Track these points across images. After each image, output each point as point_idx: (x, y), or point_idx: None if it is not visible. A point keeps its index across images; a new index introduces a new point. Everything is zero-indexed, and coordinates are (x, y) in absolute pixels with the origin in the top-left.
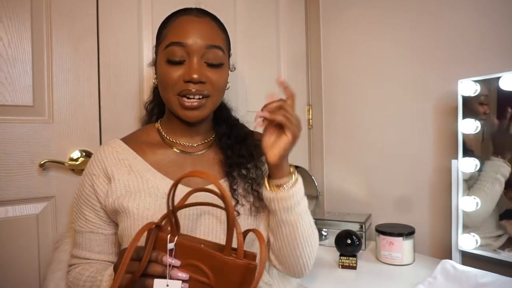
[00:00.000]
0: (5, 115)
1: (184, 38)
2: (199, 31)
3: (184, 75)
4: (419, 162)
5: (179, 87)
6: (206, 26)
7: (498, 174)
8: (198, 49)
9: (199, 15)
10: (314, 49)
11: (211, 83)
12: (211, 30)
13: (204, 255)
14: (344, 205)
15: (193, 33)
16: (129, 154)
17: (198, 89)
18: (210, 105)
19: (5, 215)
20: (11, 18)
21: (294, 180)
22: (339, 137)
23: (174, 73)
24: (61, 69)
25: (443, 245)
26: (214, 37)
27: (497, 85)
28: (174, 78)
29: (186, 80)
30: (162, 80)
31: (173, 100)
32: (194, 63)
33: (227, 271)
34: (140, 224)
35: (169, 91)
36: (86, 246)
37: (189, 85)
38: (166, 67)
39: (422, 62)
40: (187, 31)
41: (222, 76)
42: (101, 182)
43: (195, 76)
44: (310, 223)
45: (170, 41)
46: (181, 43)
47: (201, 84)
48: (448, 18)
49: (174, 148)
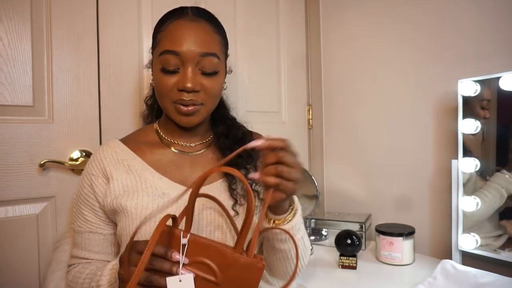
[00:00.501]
0: (5, 115)
1: (178, 46)
2: (193, 38)
3: (178, 84)
4: (419, 162)
5: (173, 95)
6: (201, 32)
7: (504, 189)
8: (192, 57)
9: (195, 19)
10: (314, 49)
11: (205, 91)
12: (206, 36)
13: (215, 252)
14: (344, 205)
15: (187, 41)
16: (127, 154)
17: (192, 99)
18: (205, 111)
19: (5, 215)
20: (11, 18)
21: (292, 214)
22: (339, 137)
23: (168, 82)
24: (61, 69)
25: (443, 245)
26: (209, 43)
27: (497, 85)
28: (168, 87)
29: (180, 89)
30: (157, 87)
31: (169, 107)
32: (188, 71)
33: (235, 269)
34: (138, 223)
35: (164, 98)
36: (85, 246)
37: (183, 94)
38: (161, 76)
39: (422, 62)
40: (180, 39)
41: (217, 84)
42: (100, 182)
43: (189, 85)
44: (304, 245)
45: (164, 49)
46: (174, 52)
47: (195, 93)
48: (448, 18)
49: (172, 148)
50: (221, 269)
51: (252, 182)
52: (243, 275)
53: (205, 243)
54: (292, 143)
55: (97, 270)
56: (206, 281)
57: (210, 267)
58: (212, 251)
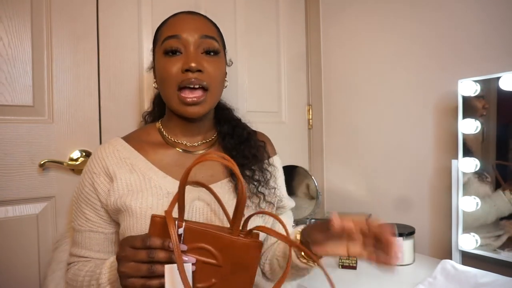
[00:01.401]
0: (5, 115)
1: (179, 31)
2: (193, 24)
3: (182, 65)
4: (419, 162)
5: (178, 78)
6: (199, 21)
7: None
8: (193, 40)
9: (193, 13)
10: (314, 49)
11: (208, 73)
12: (204, 24)
13: (212, 237)
14: (344, 205)
15: (187, 26)
16: (130, 152)
17: (197, 77)
18: (210, 100)
19: (5, 215)
20: (11, 18)
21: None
22: (339, 137)
23: (172, 66)
24: (61, 69)
25: (443, 245)
26: (208, 29)
27: (497, 85)
28: (173, 71)
29: (185, 69)
30: (162, 75)
31: (173, 97)
32: (191, 51)
33: (234, 250)
34: (143, 223)
35: (169, 86)
36: (86, 244)
37: (188, 74)
38: (164, 61)
39: (422, 62)
40: (181, 25)
41: (218, 67)
42: (102, 180)
43: (193, 65)
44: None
45: (165, 36)
46: (176, 36)
47: (199, 72)
48: (448, 18)
49: (176, 147)
50: (220, 252)
51: (257, 184)
52: (242, 254)
53: (201, 230)
54: (292, 143)
55: (96, 268)
56: (208, 264)
57: (209, 251)
58: (209, 237)
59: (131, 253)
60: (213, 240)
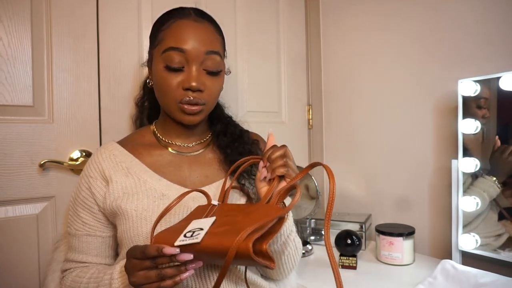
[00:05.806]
0: (5, 115)
1: (183, 44)
2: (198, 36)
3: (183, 83)
4: (419, 162)
5: (178, 94)
6: (205, 31)
7: (485, 193)
8: (197, 55)
9: (198, 19)
10: (314, 49)
11: (208, 91)
12: (210, 35)
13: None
14: (344, 205)
15: (192, 39)
16: (126, 156)
17: (196, 97)
18: (206, 111)
19: (5, 215)
20: (11, 18)
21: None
22: (339, 137)
23: (173, 80)
24: (61, 69)
25: (443, 245)
26: (213, 42)
27: (497, 85)
28: (173, 86)
29: (185, 87)
30: (161, 87)
31: (173, 107)
32: (193, 70)
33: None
34: (139, 226)
35: (168, 98)
36: (83, 249)
37: (188, 92)
38: (165, 74)
39: (422, 62)
40: (186, 36)
41: (219, 84)
42: (99, 184)
43: (194, 84)
44: (295, 247)
45: (168, 46)
46: (180, 49)
47: (199, 92)
48: (448, 18)
49: (169, 148)
50: (245, 215)
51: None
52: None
53: (230, 205)
54: (292, 143)
55: (101, 273)
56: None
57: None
58: (240, 207)
59: (137, 263)
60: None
